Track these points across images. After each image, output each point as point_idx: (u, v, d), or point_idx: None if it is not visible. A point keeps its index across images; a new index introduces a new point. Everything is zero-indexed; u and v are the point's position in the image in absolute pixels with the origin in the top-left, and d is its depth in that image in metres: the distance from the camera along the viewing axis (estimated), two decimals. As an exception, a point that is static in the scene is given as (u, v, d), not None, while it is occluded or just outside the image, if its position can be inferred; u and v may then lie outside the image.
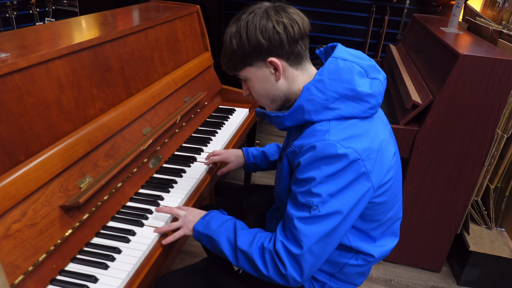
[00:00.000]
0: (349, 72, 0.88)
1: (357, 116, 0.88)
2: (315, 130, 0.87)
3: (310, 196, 0.85)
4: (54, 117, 1.05)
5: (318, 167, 0.84)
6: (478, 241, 1.87)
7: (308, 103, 0.88)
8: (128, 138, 1.28)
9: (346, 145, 0.83)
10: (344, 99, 0.87)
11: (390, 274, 1.97)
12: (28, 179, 0.91)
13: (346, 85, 0.87)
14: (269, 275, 0.90)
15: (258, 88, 0.96)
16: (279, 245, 0.88)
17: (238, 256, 0.94)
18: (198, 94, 1.71)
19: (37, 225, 0.91)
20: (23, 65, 0.96)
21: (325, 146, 0.83)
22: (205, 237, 1.00)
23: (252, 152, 1.37)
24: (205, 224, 1.01)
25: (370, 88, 0.89)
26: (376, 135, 0.90)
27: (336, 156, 0.82)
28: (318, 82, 0.88)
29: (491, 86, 1.56)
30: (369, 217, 0.95)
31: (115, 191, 1.16)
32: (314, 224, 0.85)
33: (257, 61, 0.91)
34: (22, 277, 0.85)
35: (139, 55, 1.43)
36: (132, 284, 0.93)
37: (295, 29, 0.88)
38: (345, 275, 1.03)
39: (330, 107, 0.87)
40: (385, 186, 0.92)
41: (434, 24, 2.17)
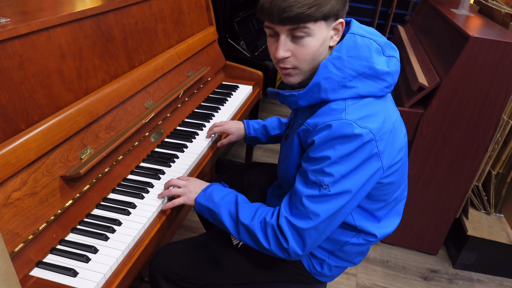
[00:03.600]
0: (367, 49, 0.86)
1: (373, 94, 0.86)
2: (330, 109, 0.85)
3: (321, 175, 0.84)
4: (55, 86, 1.04)
5: (333, 147, 0.82)
6: (476, 225, 1.88)
7: (325, 81, 0.85)
8: (130, 110, 1.26)
9: (362, 124, 0.81)
10: (361, 77, 0.85)
11: (387, 255, 1.99)
12: (28, 148, 0.90)
13: (365, 63, 0.85)
14: (270, 248, 0.90)
15: (315, 49, 0.86)
16: (282, 220, 0.88)
17: (239, 229, 0.94)
18: (202, 69, 1.68)
19: (37, 194, 0.91)
20: (24, 31, 0.94)
21: (342, 125, 0.81)
22: (207, 210, 1.00)
23: (253, 125, 1.36)
24: (207, 196, 1.00)
25: (388, 66, 0.87)
26: (390, 115, 0.89)
27: (352, 136, 0.81)
28: (336, 59, 0.85)
29: (500, 70, 1.53)
30: (375, 197, 0.95)
31: (116, 163, 1.15)
32: (323, 203, 0.84)
33: (332, 19, 0.85)
34: (22, 245, 0.85)
35: (143, 26, 1.40)
36: (132, 255, 0.94)
37: None
38: (345, 253, 1.04)
39: (347, 86, 0.85)
40: (395, 166, 0.92)
41: (444, 6, 2.12)
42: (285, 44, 0.86)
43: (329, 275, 1.08)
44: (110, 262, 0.89)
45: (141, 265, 0.97)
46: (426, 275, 1.90)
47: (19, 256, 0.84)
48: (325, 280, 1.10)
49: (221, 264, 1.08)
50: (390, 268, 1.92)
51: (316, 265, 1.05)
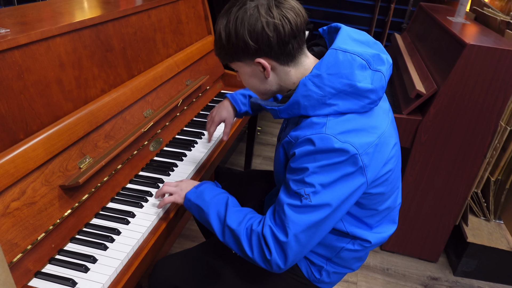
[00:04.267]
0: (349, 65, 0.83)
1: (355, 111, 0.85)
2: (312, 122, 0.85)
3: (302, 185, 0.83)
4: (54, 96, 1.04)
5: (314, 159, 0.82)
6: (476, 232, 1.88)
7: (304, 98, 0.84)
8: (129, 119, 1.27)
9: (342, 139, 0.81)
10: (342, 95, 0.83)
11: (387, 263, 1.98)
12: (27, 158, 0.90)
13: (345, 81, 0.82)
14: (253, 257, 0.89)
15: (247, 82, 0.95)
16: (267, 230, 0.86)
17: (225, 232, 0.93)
18: (200, 78, 1.69)
19: (36, 204, 0.90)
20: (23, 42, 0.94)
21: (321, 139, 0.81)
22: (195, 207, 0.99)
23: (241, 100, 1.31)
24: (198, 194, 0.99)
25: (371, 82, 0.84)
26: (375, 129, 0.87)
27: (333, 150, 0.80)
28: (315, 77, 0.83)
29: (496, 77, 1.54)
30: (365, 206, 0.94)
31: (115, 172, 1.15)
32: (304, 214, 0.83)
33: (246, 58, 0.88)
34: (20, 255, 0.84)
35: (141, 36, 1.41)
36: (131, 265, 0.93)
37: (286, 29, 0.82)
38: (342, 260, 1.03)
39: (327, 103, 0.83)
40: (383, 178, 0.90)
41: (440, 13, 2.14)
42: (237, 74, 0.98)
43: (328, 281, 1.07)
44: (109, 272, 0.88)
45: (140, 274, 0.96)
46: (427, 282, 1.89)
47: (17, 267, 0.84)
48: (325, 287, 1.10)
49: (221, 274, 1.07)
50: (391, 276, 1.91)
51: (314, 272, 1.05)
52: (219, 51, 0.91)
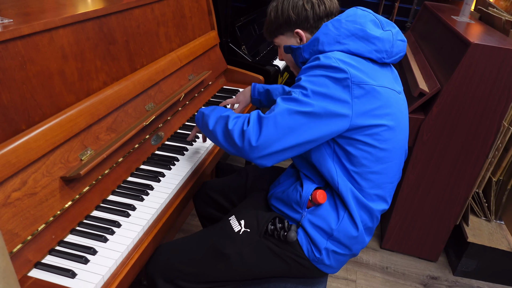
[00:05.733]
0: (364, 18, 1.01)
1: (362, 54, 0.98)
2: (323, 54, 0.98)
3: (296, 88, 0.95)
4: (56, 87, 1.04)
5: (312, 70, 0.95)
6: (476, 232, 1.88)
7: (323, 35, 1.01)
8: (131, 113, 1.27)
9: (341, 64, 0.93)
10: (353, 37, 0.98)
11: (386, 261, 1.98)
12: (29, 148, 0.90)
13: (358, 26, 0.99)
14: (231, 129, 0.98)
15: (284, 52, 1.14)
16: (254, 112, 0.98)
17: (218, 121, 1.05)
18: (203, 72, 1.69)
19: (37, 195, 0.90)
20: (26, 32, 0.94)
21: (325, 57, 0.95)
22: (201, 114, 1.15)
23: (259, 88, 1.46)
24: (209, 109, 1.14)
25: (380, 34, 0.99)
26: (377, 78, 0.97)
27: (330, 67, 0.93)
28: (335, 21, 1.01)
29: (500, 77, 1.53)
30: (355, 159, 1.00)
31: (116, 165, 1.15)
32: (288, 102, 0.93)
33: (287, 31, 1.11)
34: (20, 245, 0.84)
35: (145, 29, 1.40)
36: (130, 257, 0.93)
37: (321, 8, 1.05)
38: (343, 235, 1.04)
39: (341, 42, 0.99)
40: (372, 129, 0.97)
41: (445, 13, 2.13)
42: (279, 52, 1.20)
43: (328, 263, 1.06)
44: (109, 263, 0.88)
45: (139, 267, 0.96)
46: (426, 282, 1.89)
47: (17, 257, 0.84)
48: (325, 270, 1.08)
49: (224, 253, 1.06)
50: (390, 274, 1.91)
51: (315, 251, 1.05)
52: (268, 26, 1.14)
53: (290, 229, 1.05)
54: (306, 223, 1.06)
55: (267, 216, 1.09)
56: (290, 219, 1.10)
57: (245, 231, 1.08)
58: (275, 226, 1.07)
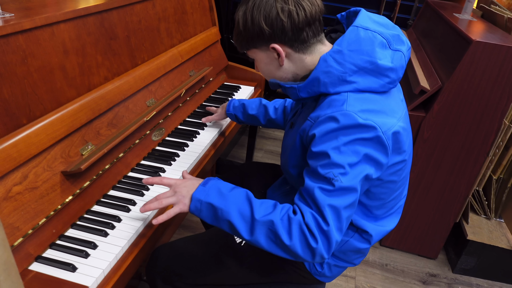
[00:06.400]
0: (370, 43, 0.84)
1: (374, 90, 0.84)
2: (331, 100, 0.84)
3: (330, 167, 0.80)
4: (57, 82, 1.04)
5: (336, 137, 0.80)
6: (476, 230, 1.88)
7: (324, 75, 0.84)
8: (132, 108, 1.27)
9: (363, 116, 0.79)
10: (362, 72, 0.83)
11: (386, 258, 1.99)
12: (30, 143, 0.91)
13: (366, 57, 0.83)
14: (292, 245, 0.80)
15: (263, 70, 0.97)
16: (309, 217, 0.80)
17: (255, 228, 0.83)
18: (204, 69, 1.69)
19: (38, 189, 0.91)
20: (28, 26, 0.94)
21: (344, 116, 0.79)
22: (207, 207, 0.88)
23: (234, 103, 1.40)
24: (207, 191, 0.89)
25: (391, 61, 0.85)
26: (394, 112, 0.86)
27: (357, 126, 0.79)
28: (336, 53, 0.84)
29: (502, 74, 1.53)
30: (374, 195, 0.94)
31: (117, 160, 1.15)
32: (338, 197, 0.80)
33: (261, 45, 0.90)
34: (21, 239, 0.85)
35: (146, 25, 1.40)
36: (131, 252, 0.93)
37: (300, 16, 0.84)
38: (344, 254, 1.04)
39: (347, 80, 0.83)
40: (398, 166, 0.89)
41: (447, 10, 2.12)
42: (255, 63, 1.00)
43: (329, 275, 1.07)
44: (109, 258, 0.89)
45: (140, 262, 0.97)
46: (425, 279, 1.90)
47: (18, 250, 0.84)
48: (325, 280, 1.10)
49: (224, 262, 1.07)
50: (389, 271, 1.92)
51: (316, 265, 1.05)
52: (237, 37, 0.94)
53: None
54: None
55: None
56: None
57: (246, 243, 1.08)
58: None
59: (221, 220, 0.87)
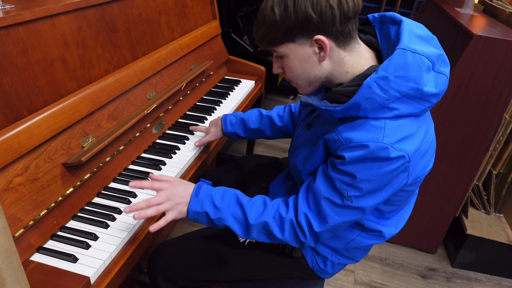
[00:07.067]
0: (417, 68, 0.77)
1: (414, 114, 0.81)
2: (369, 126, 0.79)
3: (348, 187, 0.81)
4: (58, 74, 1.04)
5: (366, 166, 0.79)
6: (475, 225, 1.88)
7: (366, 101, 0.77)
8: (132, 101, 1.27)
9: (398, 147, 0.77)
10: (405, 99, 0.78)
11: (385, 252, 1.99)
12: (31, 134, 0.91)
13: (412, 85, 0.77)
14: (284, 238, 0.90)
15: (297, 68, 0.85)
16: (302, 217, 0.86)
17: (250, 230, 0.90)
18: (205, 62, 1.69)
19: (39, 181, 0.91)
20: (28, 18, 0.94)
21: (378, 149, 0.77)
22: (204, 216, 0.91)
23: (231, 119, 1.28)
24: (201, 202, 0.91)
25: (435, 86, 0.79)
26: (427, 132, 0.84)
27: (387, 159, 0.77)
28: (381, 79, 0.77)
29: (503, 69, 1.52)
30: (392, 202, 0.93)
31: (117, 153, 1.16)
32: (341, 214, 0.84)
33: (301, 37, 0.80)
34: (22, 230, 0.85)
35: (146, 18, 1.40)
36: (132, 243, 0.94)
37: (349, 5, 0.76)
38: (349, 251, 1.04)
39: (389, 107, 0.78)
40: (419, 178, 0.89)
41: (449, 5, 2.12)
42: (276, 61, 0.89)
43: (331, 272, 1.08)
44: (110, 249, 0.89)
45: (140, 254, 0.97)
46: (424, 273, 1.90)
47: (19, 241, 0.85)
48: (326, 277, 1.10)
49: (228, 262, 1.06)
50: (389, 265, 1.92)
51: (319, 262, 1.05)
52: (267, 30, 0.80)
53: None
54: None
55: None
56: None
57: (250, 241, 1.08)
58: None
59: (219, 225, 0.93)
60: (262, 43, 0.85)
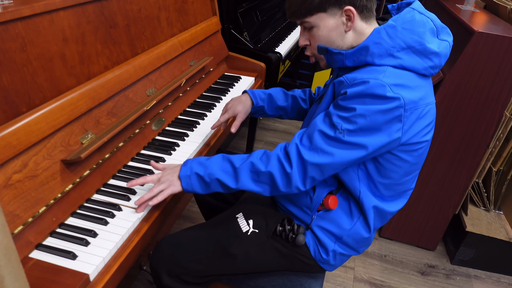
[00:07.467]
0: (422, 25, 0.89)
1: (416, 70, 0.89)
2: (371, 68, 0.89)
3: (343, 120, 0.87)
4: (57, 70, 1.03)
5: (363, 101, 0.85)
6: (475, 222, 1.88)
7: (374, 45, 0.89)
8: (132, 97, 1.26)
9: (395, 90, 0.84)
10: (409, 51, 0.88)
11: (385, 249, 2.00)
12: (29, 131, 0.90)
13: (416, 38, 0.88)
14: (266, 169, 0.93)
15: (323, 38, 0.96)
16: (292, 147, 0.92)
17: (238, 175, 0.95)
18: (204, 58, 1.68)
19: (38, 177, 0.91)
20: (27, 13, 0.93)
21: (376, 85, 0.84)
22: (196, 178, 0.98)
23: (259, 94, 1.30)
24: (189, 167, 0.99)
25: (438, 47, 0.89)
26: (427, 96, 0.91)
27: (383, 97, 0.84)
28: (390, 28, 0.89)
29: (504, 66, 1.52)
30: (385, 171, 0.96)
31: (116, 150, 1.15)
32: (333, 146, 0.89)
33: (334, 7, 0.92)
34: (21, 227, 0.85)
35: (146, 13, 1.39)
36: (131, 241, 0.94)
37: None
38: (352, 239, 1.04)
39: (394, 55, 0.88)
40: (415, 146, 0.93)
41: (450, 1, 2.11)
42: (303, 34, 1.01)
43: (333, 263, 1.07)
44: (110, 246, 0.89)
45: (140, 250, 0.97)
46: (424, 270, 1.91)
47: (18, 238, 0.84)
48: (328, 268, 1.10)
49: (232, 253, 1.05)
50: (388, 262, 1.93)
51: (322, 252, 1.05)
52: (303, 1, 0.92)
53: (298, 232, 1.03)
54: (315, 226, 1.06)
55: (276, 217, 1.07)
56: (299, 220, 1.10)
57: (253, 231, 1.07)
58: (284, 227, 1.05)
59: (211, 182, 0.97)
60: (296, 14, 0.96)
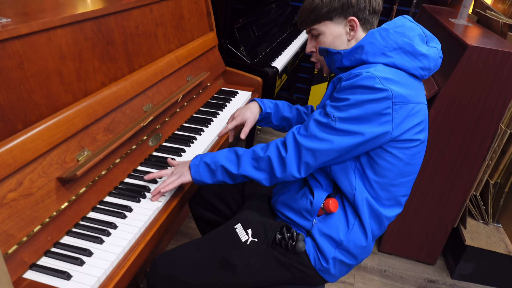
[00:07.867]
0: (412, 30, 0.98)
1: (407, 70, 0.96)
2: (365, 66, 0.97)
3: (336, 109, 0.94)
4: (54, 87, 1.03)
5: (354, 92, 0.92)
6: (474, 235, 1.88)
7: (369, 44, 0.97)
8: (129, 114, 1.26)
9: (384, 83, 0.90)
10: (400, 51, 0.96)
11: (384, 264, 1.98)
12: (25, 148, 0.90)
13: (407, 40, 0.96)
14: (264, 155, 1.00)
15: (329, 44, 1.06)
16: (289, 135, 0.99)
17: (240, 162, 1.03)
18: (201, 74, 1.69)
19: (33, 196, 0.90)
20: (24, 32, 0.94)
21: (366, 77, 0.91)
22: (204, 166, 1.07)
23: (267, 103, 1.33)
24: (199, 157, 1.09)
25: (426, 50, 0.97)
26: (418, 95, 0.96)
27: (372, 88, 0.90)
28: (383, 30, 0.98)
29: (498, 79, 1.53)
30: (379, 169, 0.99)
31: (113, 166, 1.14)
32: (325, 131, 0.95)
33: (339, 17, 1.03)
34: (16, 247, 0.84)
35: (143, 30, 1.40)
36: (127, 259, 0.92)
37: (378, 2, 1.03)
38: (352, 244, 1.03)
39: (386, 54, 0.96)
40: (407, 144, 0.97)
41: (443, 15, 2.14)
42: (310, 41, 1.12)
43: (333, 272, 1.06)
44: (105, 265, 0.87)
45: (136, 269, 0.96)
46: (424, 285, 1.89)
47: (12, 258, 0.83)
48: (328, 279, 1.08)
49: (232, 263, 1.04)
50: (388, 277, 1.91)
51: (322, 260, 1.04)
52: (312, 9, 1.04)
53: (298, 239, 1.02)
54: (315, 232, 1.05)
55: (275, 225, 1.07)
56: (299, 227, 1.09)
57: (252, 240, 1.06)
58: (283, 235, 1.04)
59: (216, 170, 1.06)
60: (305, 22, 1.08)
